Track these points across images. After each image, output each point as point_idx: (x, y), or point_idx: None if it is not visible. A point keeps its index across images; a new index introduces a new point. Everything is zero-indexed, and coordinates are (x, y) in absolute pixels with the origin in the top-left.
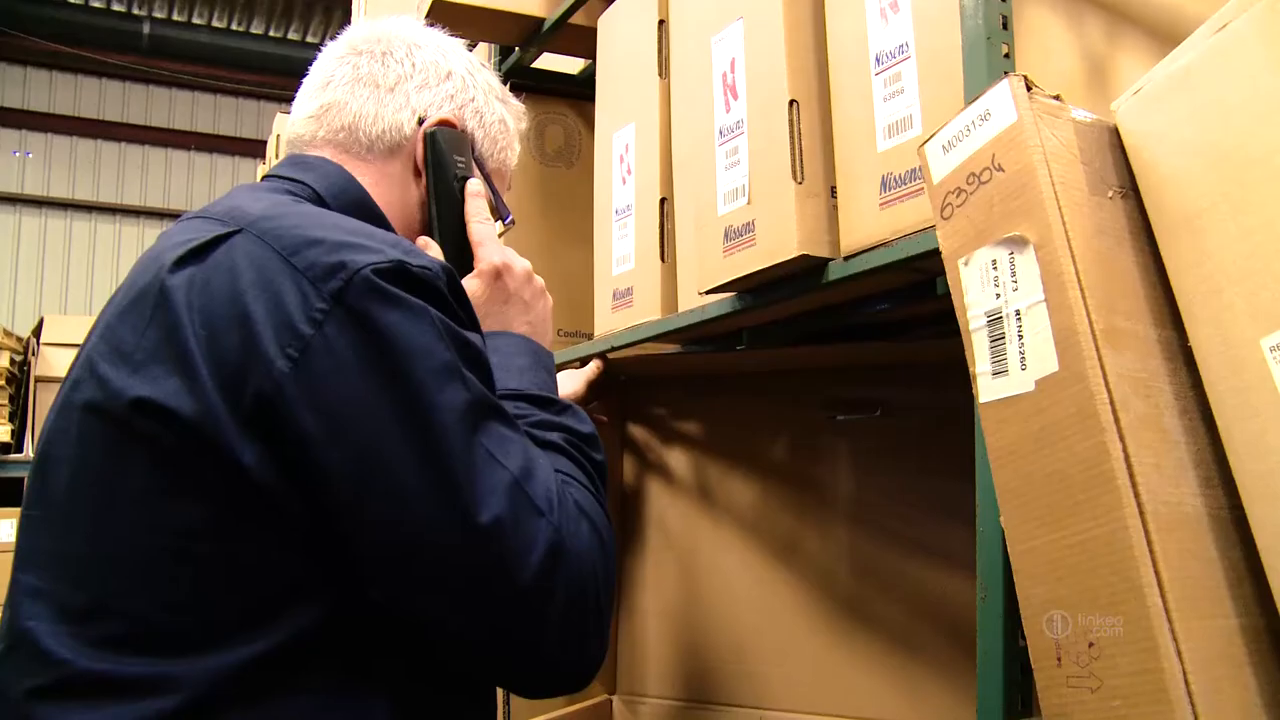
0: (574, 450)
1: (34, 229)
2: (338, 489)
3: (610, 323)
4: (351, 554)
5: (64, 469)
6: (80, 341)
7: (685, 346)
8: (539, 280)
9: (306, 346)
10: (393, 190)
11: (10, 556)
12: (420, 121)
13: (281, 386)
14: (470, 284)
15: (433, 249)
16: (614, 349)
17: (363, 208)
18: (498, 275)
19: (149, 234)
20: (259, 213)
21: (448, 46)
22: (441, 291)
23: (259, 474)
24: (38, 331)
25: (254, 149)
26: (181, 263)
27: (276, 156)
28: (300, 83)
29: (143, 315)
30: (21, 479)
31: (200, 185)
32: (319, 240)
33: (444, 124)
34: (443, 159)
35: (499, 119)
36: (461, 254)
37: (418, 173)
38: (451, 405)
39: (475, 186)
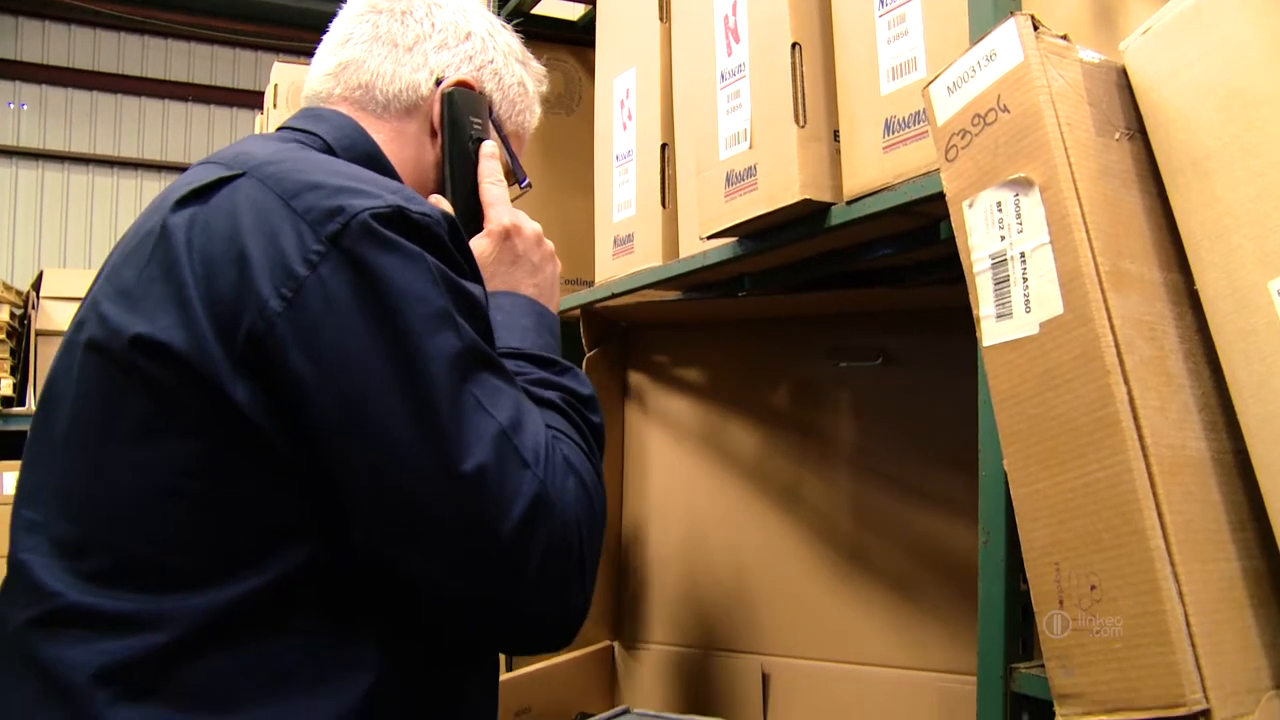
0: (570, 410)
1: (31, 182)
2: (325, 430)
3: (611, 269)
4: (339, 497)
5: (65, 406)
6: (81, 295)
7: (686, 293)
8: (549, 244)
9: (300, 287)
10: (407, 148)
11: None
12: (438, 82)
13: (273, 325)
14: (479, 244)
15: (445, 208)
16: (614, 295)
17: (372, 161)
18: (507, 236)
19: (147, 187)
20: (264, 158)
21: (468, 6)
22: (441, 239)
23: (250, 412)
24: (37, 285)
25: (252, 100)
26: (184, 203)
27: (275, 107)
28: (298, 33)
29: (144, 254)
30: (24, 433)
31: (198, 137)
32: (319, 185)
33: (461, 85)
34: (458, 120)
35: (518, 81)
36: (473, 215)
37: (433, 133)
38: (442, 351)
39: (490, 148)
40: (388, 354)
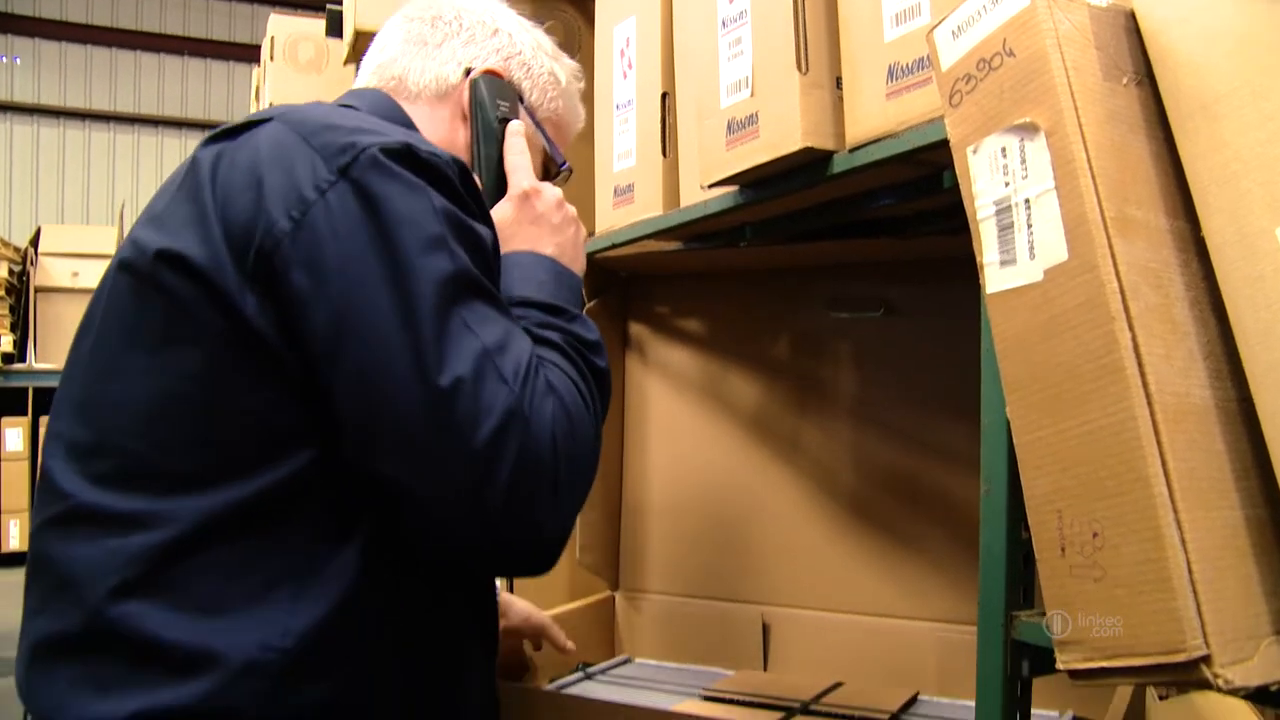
0: (571, 351)
1: (26, 138)
2: (320, 341)
3: (611, 219)
4: (330, 407)
5: (95, 323)
6: (80, 251)
7: (687, 243)
8: (571, 209)
9: (308, 210)
10: (440, 130)
11: (18, 464)
12: (467, 72)
13: (279, 243)
14: (501, 208)
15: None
16: (615, 245)
17: (404, 127)
18: (526, 198)
19: (144, 142)
20: (294, 109)
21: (496, 9)
22: (447, 177)
23: (257, 323)
24: (35, 241)
25: (248, 54)
26: (214, 140)
27: (271, 60)
28: None
29: (174, 185)
30: (25, 389)
31: (195, 91)
32: (337, 126)
33: (489, 73)
34: (485, 101)
35: (548, 72)
36: (500, 187)
37: (464, 119)
38: (431, 272)
39: (516, 126)
40: (381, 272)
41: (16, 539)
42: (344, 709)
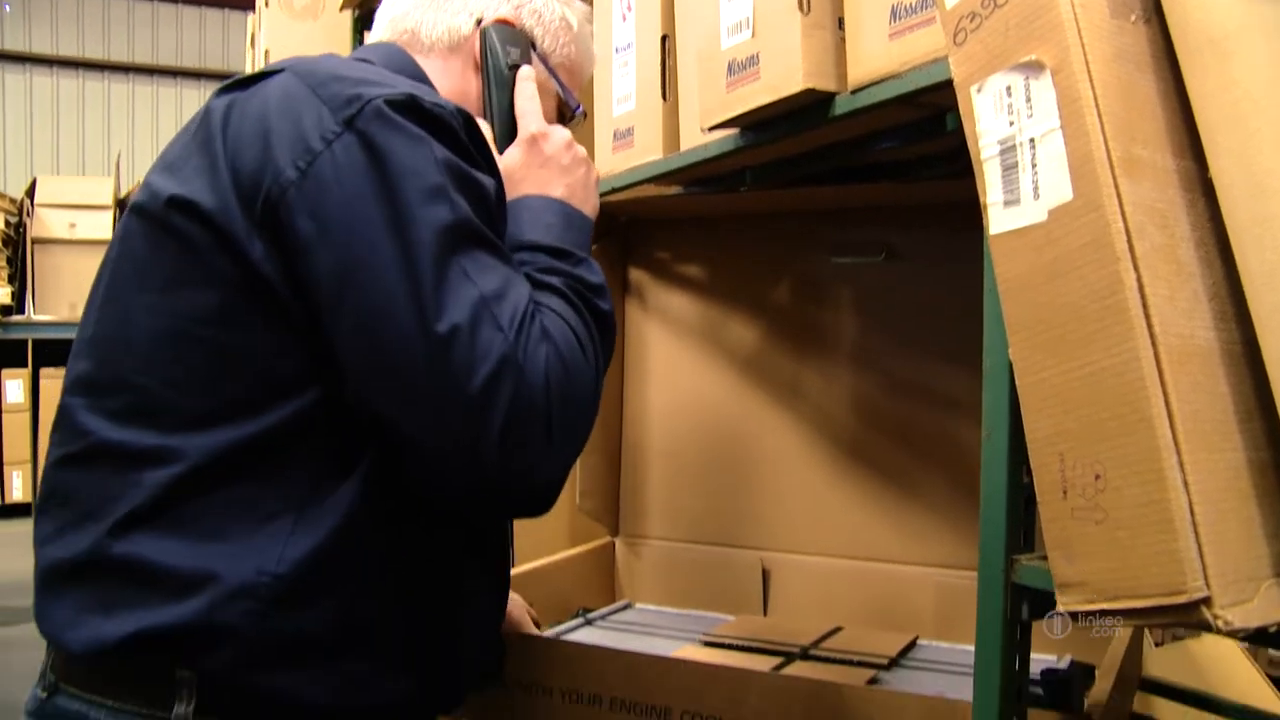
0: (573, 294)
1: (19, 87)
2: (323, 286)
3: (611, 164)
4: (332, 351)
5: (110, 265)
6: (76, 202)
7: (687, 188)
8: (580, 149)
9: (314, 160)
10: (453, 81)
11: (19, 415)
12: (478, 22)
13: (286, 191)
14: (510, 153)
15: (485, 129)
16: (614, 190)
17: (414, 80)
18: (534, 141)
19: (140, 91)
20: (305, 60)
21: None
22: (451, 127)
23: (264, 268)
24: (31, 193)
25: (244, 1)
26: (227, 89)
27: (266, 7)
28: None
29: (188, 134)
30: (24, 341)
31: (190, 39)
32: (344, 77)
33: (501, 22)
34: (496, 49)
35: (559, 18)
36: (512, 134)
37: (477, 68)
38: (431, 221)
39: (526, 72)
40: (382, 221)
41: (19, 490)
42: (337, 636)
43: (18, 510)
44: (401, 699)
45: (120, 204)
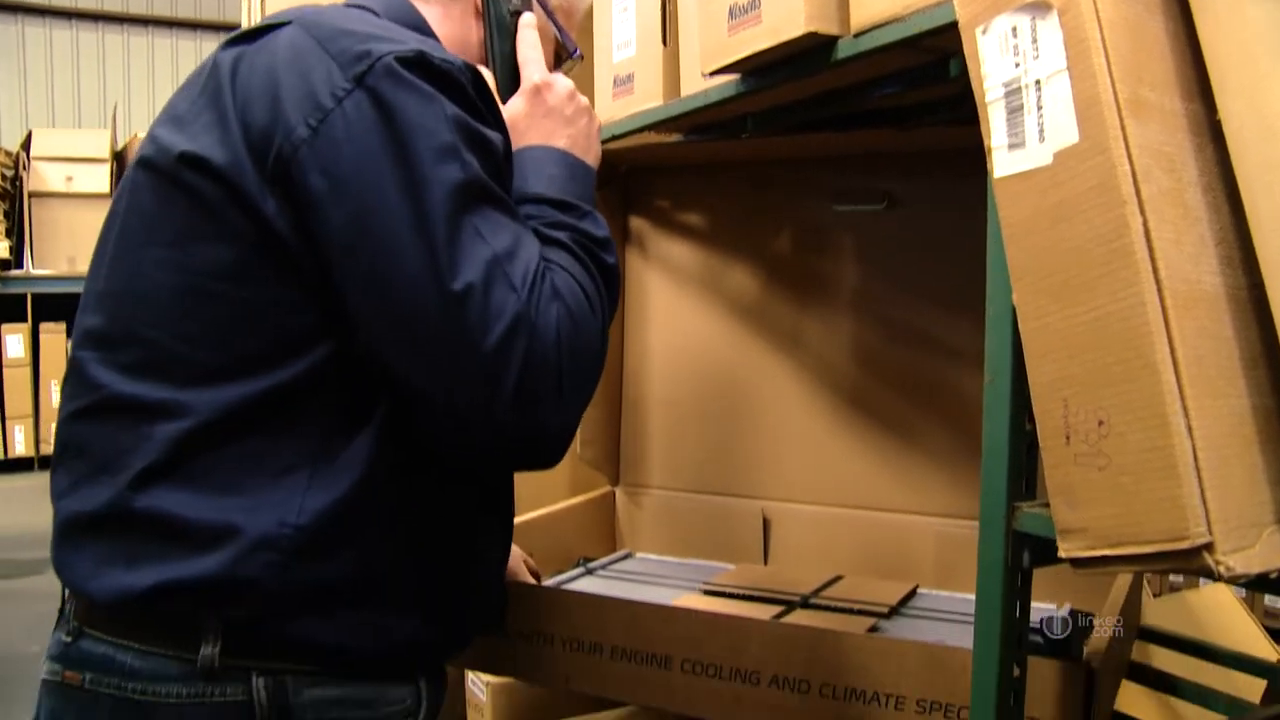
0: (579, 249)
1: (12, 39)
2: (336, 243)
3: (611, 111)
4: (344, 307)
5: (118, 218)
6: (73, 155)
7: (688, 135)
8: (583, 99)
9: (326, 117)
10: (454, 28)
11: (20, 370)
12: None
13: (298, 149)
14: (513, 103)
15: (488, 77)
16: (614, 137)
17: (416, 29)
18: (537, 92)
19: (135, 43)
20: (311, 13)
21: None
22: (460, 84)
23: (277, 224)
24: (26, 146)
25: None
26: (233, 42)
27: None
28: None
29: (196, 87)
30: (24, 295)
31: None
32: (352, 32)
33: None
34: None
35: None
36: (514, 81)
37: (478, 15)
38: (444, 180)
39: (528, 19)
40: (395, 178)
41: (22, 444)
42: (356, 585)
43: (21, 465)
44: (416, 642)
45: (117, 157)
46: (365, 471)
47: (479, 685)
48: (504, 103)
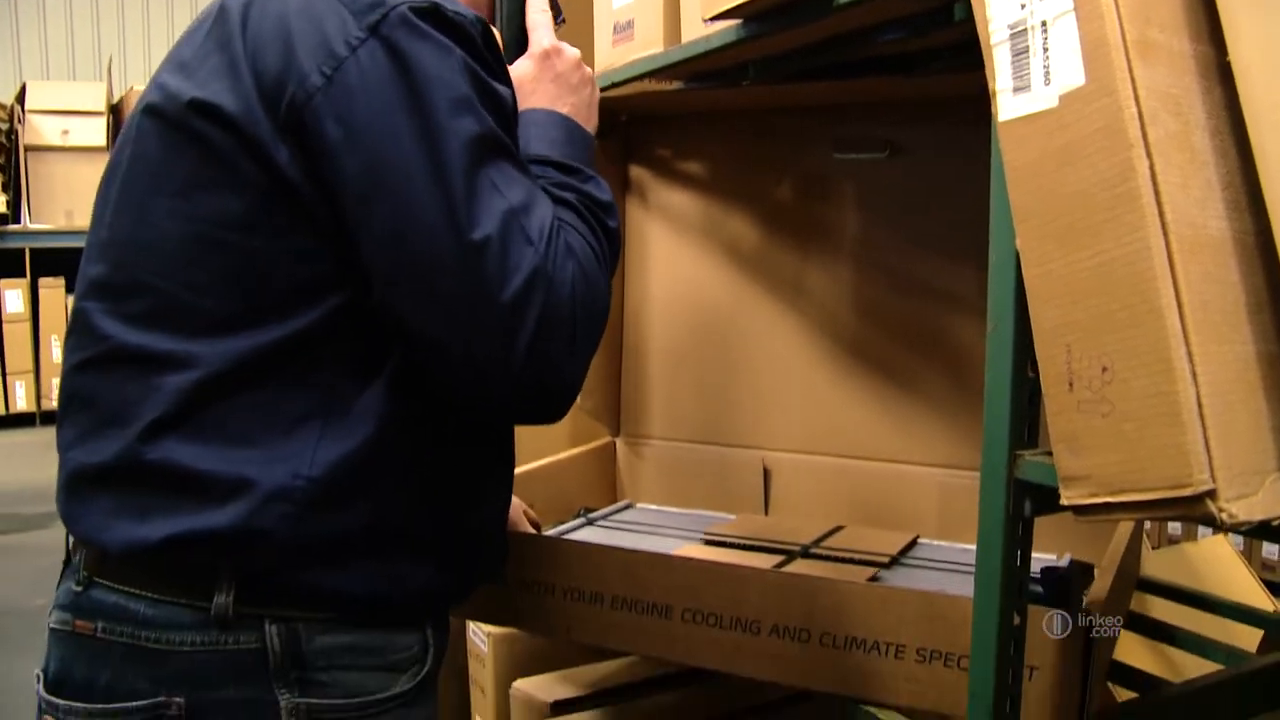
0: (585, 211)
1: None
2: (351, 192)
3: (610, 58)
4: (359, 257)
5: (122, 167)
6: (68, 108)
7: (688, 83)
8: (588, 70)
9: (340, 66)
10: None
11: (20, 325)
12: None
13: (312, 97)
14: (521, 64)
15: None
16: (614, 85)
17: None
18: (546, 57)
19: None
20: None
21: None
22: (472, 37)
23: (290, 173)
24: (21, 99)
25: None
26: None
27: None
28: None
29: (202, 33)
30: (22, 250)
31: None
32: None
33: None
34: None
35: None
36: (521, 43)
37: None
38: (461, 131)
39: None
40: (411, 128)
41: (23, 399)
42: (369, 536)
43: (22, 420)
44: (427, 591)
45: (113, 110)
46: (378, 423)
47: (480, 636)
48: (510, 63)
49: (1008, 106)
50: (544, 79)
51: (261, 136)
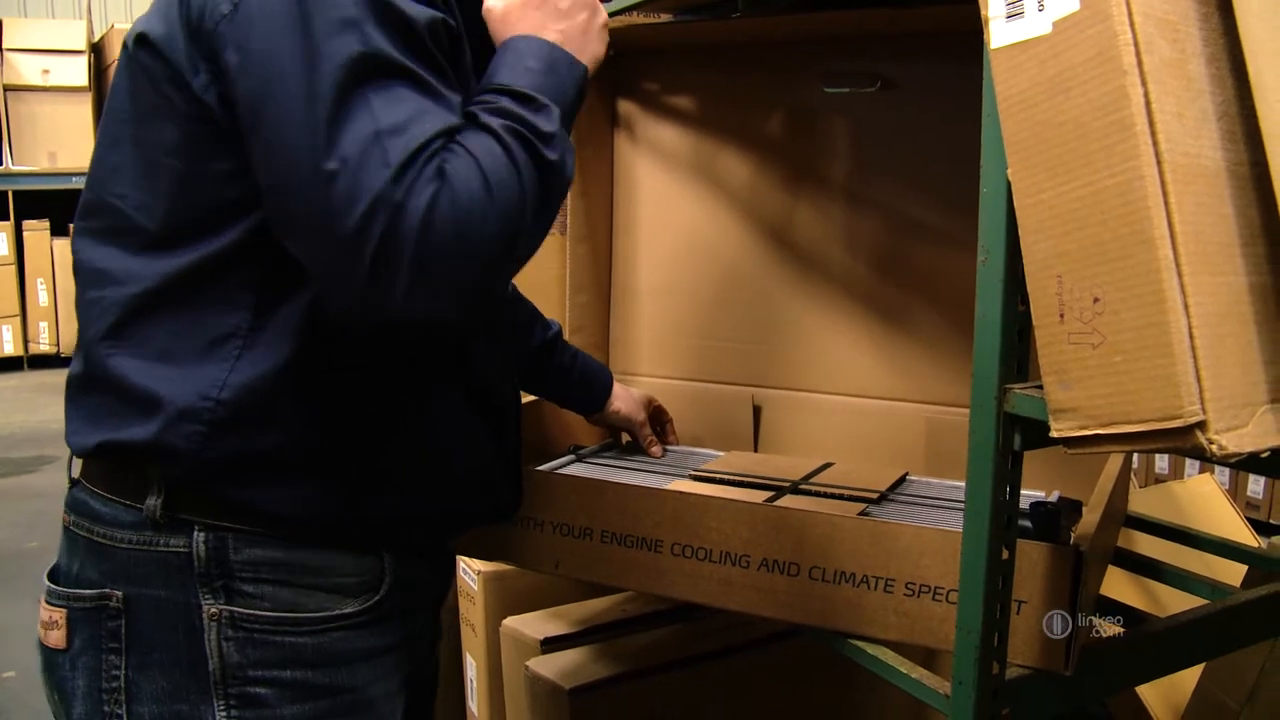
0: (511, 137)
1: None
2: (244, 115)
3: None
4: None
5: (109, 100)
6: (47, 46)
7: (677, 16)
8: None
9: None
10: None
11: (5, 269)
12: None
13: (218, 25)
14: None
15: None
16: None
17: None
18: None
19: None
20: None
21: None
22: None
23: (206, 98)
24: None
25: None
26: None
27: None
28: None
29: None
30: (4, 193)
31: None
32: None
33: None
34: None
35: None
36: None
37: None
38: (337, 54)
39: None
40: (292, 52)
41: (10, 344)
42: (293, 456)
43: (10, 364)
44: (367, 518)
45: (94, 48)
46: (296, 344)
47: (470, 574)
48: None
49: (1000, 33)
50: (529, 5)
51: (181, 64)
